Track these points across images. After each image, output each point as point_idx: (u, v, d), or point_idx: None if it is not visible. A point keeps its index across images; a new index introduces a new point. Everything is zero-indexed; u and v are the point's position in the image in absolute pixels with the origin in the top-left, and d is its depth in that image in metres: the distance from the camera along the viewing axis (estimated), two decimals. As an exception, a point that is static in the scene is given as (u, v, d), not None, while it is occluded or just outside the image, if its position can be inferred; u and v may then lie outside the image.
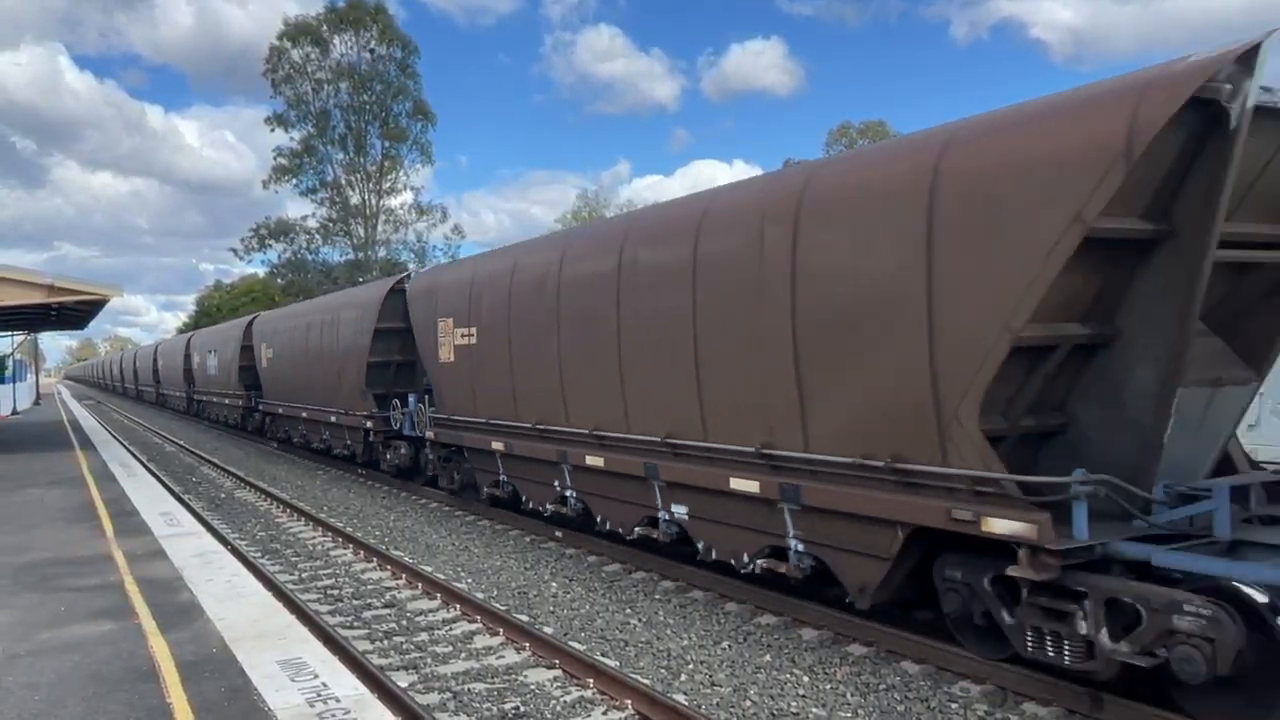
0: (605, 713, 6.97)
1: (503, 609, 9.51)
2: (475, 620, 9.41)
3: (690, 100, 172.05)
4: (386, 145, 60.40)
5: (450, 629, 9.23)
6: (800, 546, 8.44)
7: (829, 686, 7.35)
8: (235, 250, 63.24)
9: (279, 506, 17.38)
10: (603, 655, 8.16)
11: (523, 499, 13.57)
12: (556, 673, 7.82)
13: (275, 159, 59.95)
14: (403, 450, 18.36)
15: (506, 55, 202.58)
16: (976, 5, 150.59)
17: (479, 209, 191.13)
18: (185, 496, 18.01)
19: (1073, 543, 6.15)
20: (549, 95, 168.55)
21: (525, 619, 9.22)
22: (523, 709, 7.00)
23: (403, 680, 7.57)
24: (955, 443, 6.77)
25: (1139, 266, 6.55)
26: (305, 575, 11.76)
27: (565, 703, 7.12)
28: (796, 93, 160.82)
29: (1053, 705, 6.71)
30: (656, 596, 10.18)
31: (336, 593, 10.76)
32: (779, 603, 9.27)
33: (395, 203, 61.64)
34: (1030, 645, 6.60)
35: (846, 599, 8.10)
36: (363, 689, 6.16)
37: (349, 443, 20.89)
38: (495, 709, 7.02)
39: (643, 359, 10.26)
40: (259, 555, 12.88)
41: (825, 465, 7.94)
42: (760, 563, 8.93)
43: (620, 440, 10.75)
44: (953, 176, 6.80)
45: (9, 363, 44.63)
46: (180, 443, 31.80)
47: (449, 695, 7.32)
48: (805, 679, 7.52)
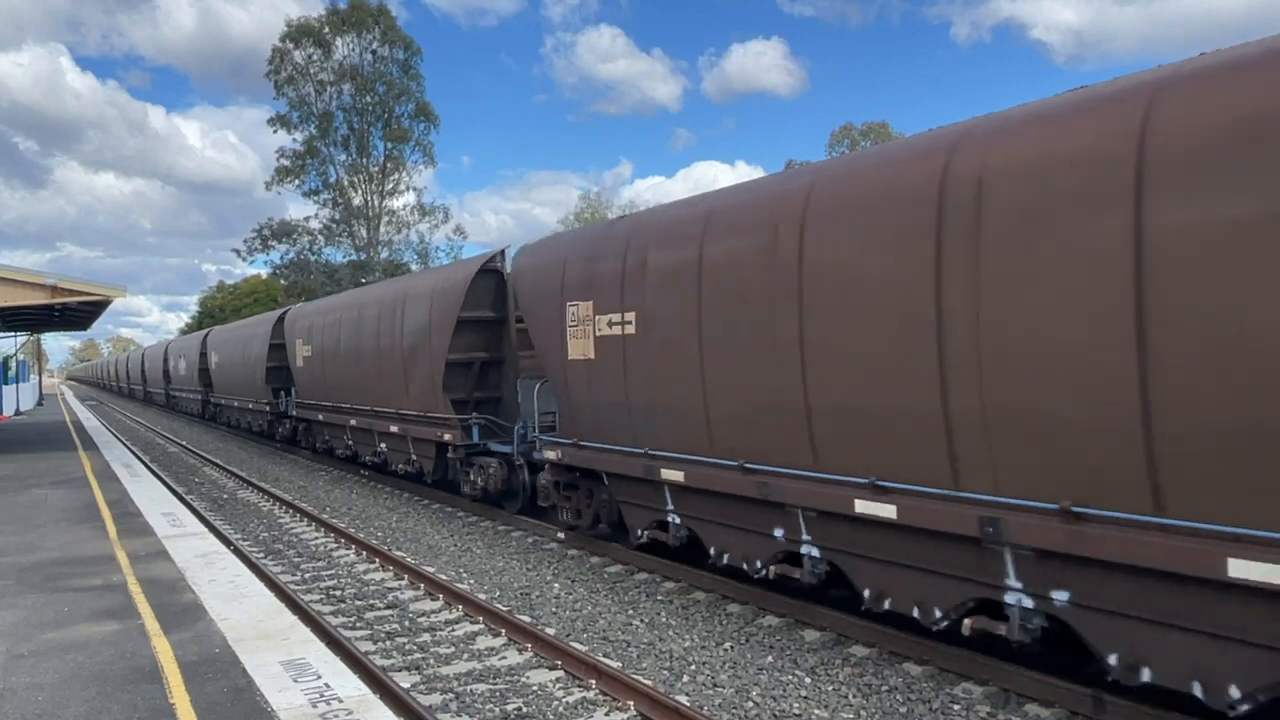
0: (608, 714, 6.97)
1: (505, 610, 9.51)
2: (478, 621, 9.42)
3: (692, 101, 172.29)
4: (389, 146, 60.52)
5: (453, 630, 9.24)
6: None
7: (831, 688, 7.34)
8: (238, 251, 63.45)
9: (281, 507, 17.40)
10: (605, 656, 8.17)
11: (711, 551, 9.71)
12: (559, 674, 7.83)
13: (278, 160, 60.13)
14: (492, 469, 15.01)
15: (508, 56, 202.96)
16: (978, 6, 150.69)
17: (481, 209, 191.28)
18: (188, 497, 18.04)
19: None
20: (551, 95, 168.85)
21: (527, 620, 9.22)
22: (525, 710, 7.01)
23: (405, 681, 7.58)
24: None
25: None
26: (308, 576, 11.77)
27: (567, 704, 7.13)
28: (798, 93, 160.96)
29: (1055, 707, 6.71)
30: (659, 598, 10.18)
31: (339, 593, 10.77)
32: (781, 604, 9.27)
33: (398, 204, 61.80)
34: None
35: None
36: (365, 690, 6.17)
37: (414, 457, 17.40)
38: (497, 710, 7.02)
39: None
40: (262, 556, 12.90)
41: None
42: None
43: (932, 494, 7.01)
44: None
45: (12, 363, 44.71)
46: (183, 443, 31.83)
47: (451, 696, 7.33)
48: (807, 680, 7.52)
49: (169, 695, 5.99)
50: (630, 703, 6.99)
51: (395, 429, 17.85)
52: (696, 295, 9.20)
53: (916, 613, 7.38)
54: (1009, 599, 6.61)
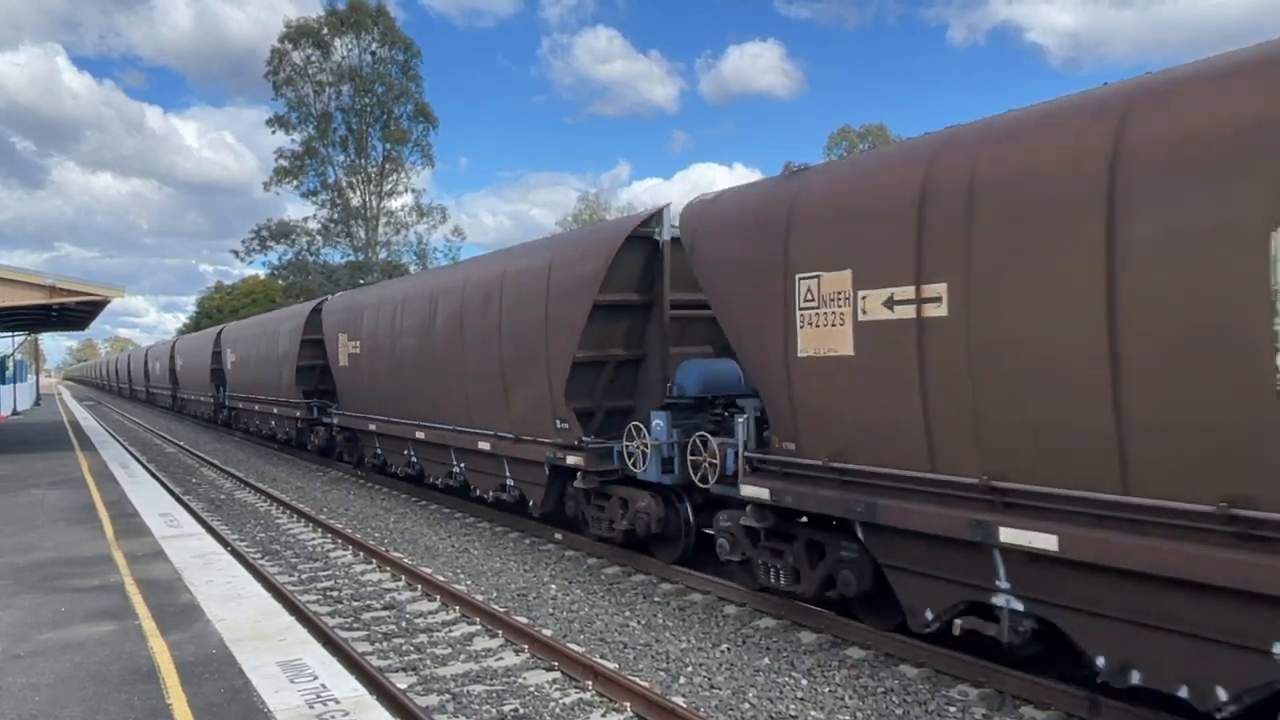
0: (604, 714, 6.98)
1: (502, 611, 9.52)
2: (475, 622, 9.43)
3: (689, 102, 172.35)
4: (388, 147, 60.54)
5: (450, 631, 9.24)
6: None
7: (827, 689, 7.36)
8: (236, 252, 63.43)
9: (279, 508, 17.40)
10: (602, 657, 8.18)
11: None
12: (556, 674, 7.84)
13: (277, 161, 60.14)
14: (641, 505, 10.95)
15: (505, 57, 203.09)
16: (974, 9, 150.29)
17: (478, 210, 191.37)
18: (185, 498, 18.03)
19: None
20: (548, 97, 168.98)
21: (525, 621, 9.23)
22: (522, 711, 7.02)
23: (402, 682, 7.59)
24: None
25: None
26: (305, 577, 11.77)
27: (564, 705, 7.14)
28: (795, 95, 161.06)
29: (1051, 709, 6.73)
30: (656, 599, 10.19)
31: (336, 594, 10.78)
32: (777, 606, 9.28)
33: (396, 204, 61.82)
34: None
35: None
36: (362, 690, 6.18)
37: (511, 482, 13.62)
38: (494, 711, 7.03)
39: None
40: (259, 556, 12.90)
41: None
42: None
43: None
44: None
45: (10, 363, 44.67)
46: (180, 443, 31.82)
47: (448, 697, 7.34)
48: (804, 682, 7.53)
49: (166, 696, 6.00)
50: (627, 704, 7.00)
51: (485, 446, 13.89)
52: (1103, 245, 5.77)
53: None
54: None
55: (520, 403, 12.93)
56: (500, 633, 8.94)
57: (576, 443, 11.58)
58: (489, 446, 13.80)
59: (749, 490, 8.74)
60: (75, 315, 27.76)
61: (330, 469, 23.19)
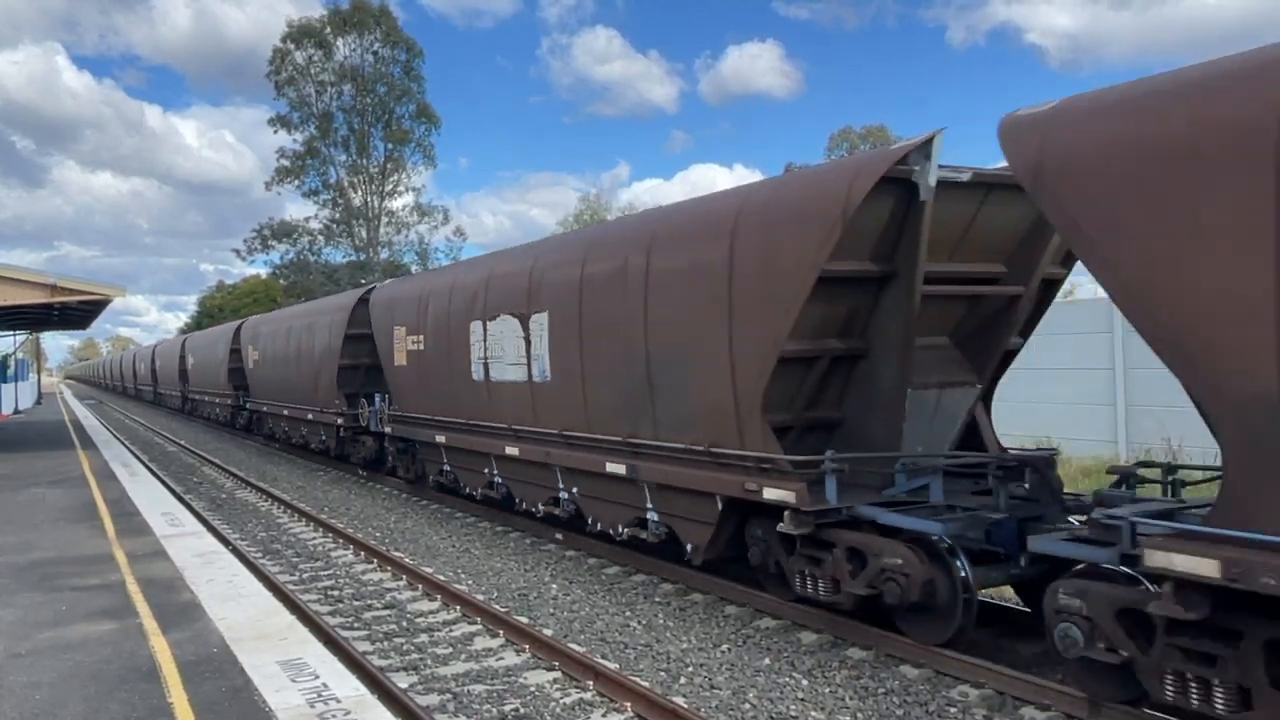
0: (605, 715, 6.98)
1: (503, 610, 9.52)
2: (475, 622, 9.43)
3: (688, 103, 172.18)
4: (389, 147, 60.57)
5: (450, 630, 9.25)
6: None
7: (828, 690, 7.36)
8: (238, 251, 63.66)
9: (280, 507, 17.41)
10: (602, 657, 8.18)
11: None
12: (556, 674, 7.84)
13: (278, 160, 60.22)
14: (895, 566, 7.65)
15: (504, 58, 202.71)
16: (973, 10, 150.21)
17: (478, 210, 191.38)
18: (186, 497, 18.04)
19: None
20: (547, 97, 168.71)
21: (525, 621, 9.23)
22: (522, 710, 7.02)
23: (403, 681, 7.59)
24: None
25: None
26: (306, 576, 11.78)
27: (565, 705, 7.14)
28: (795, 96, 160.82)
29: (1051, 710, 6.72)
30: (656, 599, 10.19)
31: (337, 593, 10.78)
32: (778, 606, 9.28)
33: (397, 204, 61.87)
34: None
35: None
36: (363, 690, 6.19)
37: (656, 518, 10.38)
38: (495, 710, 7.03)
39: None
40: (260, 556, 12.91)
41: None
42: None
43: None
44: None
45: (11, 362, 44.72)
46: (181, 443, 31.83)
47: (449, 696, 7.34)
48: (804, 682, 7.53)
49: (167, 694, 6.00)
50: (628, 704, 7.00)
51: (617, 469, 10.57)
52: None
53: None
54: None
55: (676, 412, 9.72)
56: (501, 632, 8.94)
57: (781, 470, 8.36)
58: (623, 469, 10.38)
59: (1180, 563, 5.38)
60: (76, 314, 27.80)
61: (331, 469, 23.17)
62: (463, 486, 15.46)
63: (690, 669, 7.90)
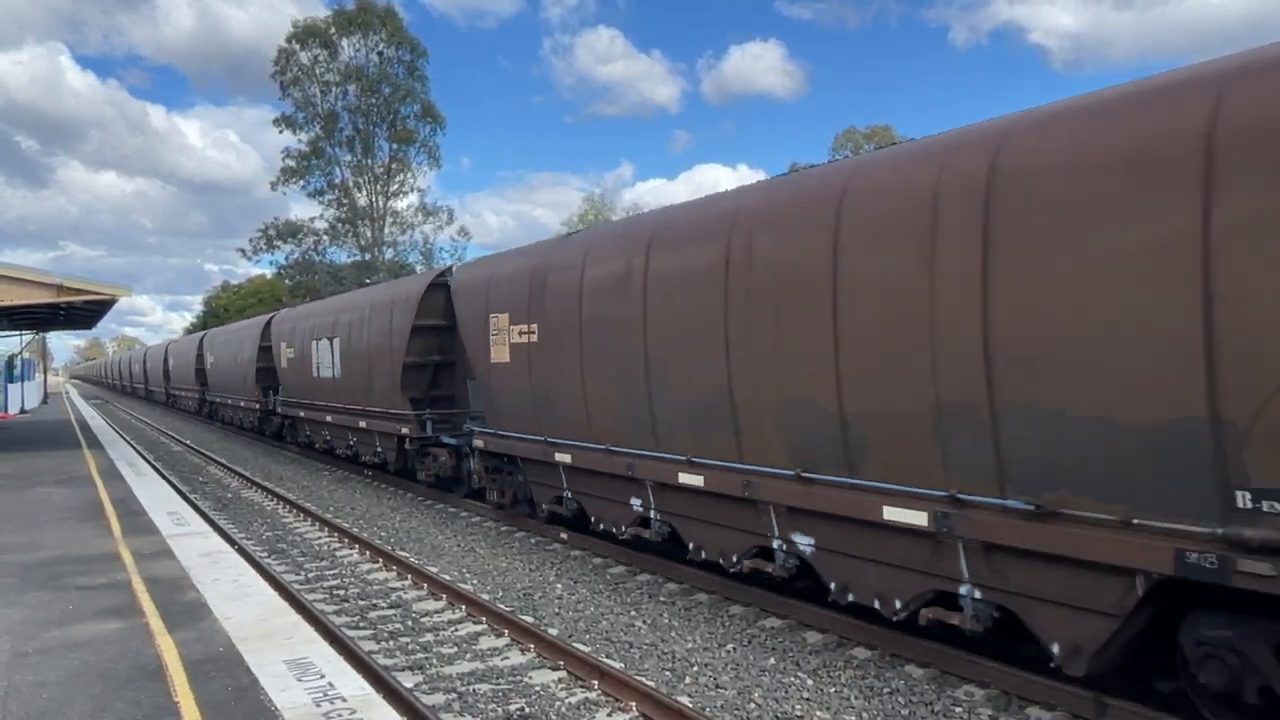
0: (610, 714, 6.98)
1: (508, 610, 9.53)
2: (481, 621, 9.43)
3: (691, 102, 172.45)
4: (394, 147, 60.58)
5: (456, 630, 9.25)
6: None
7: (833, 690, 7.35)
8: (243, 250, 63.57)
9: (285, 507, 17.43)
10: (607, 657, 8.18)
11: None
12: (561, 674, 7.84)
13: (283, 160, 60.24)
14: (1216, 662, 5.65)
15: (506, 58, 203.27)
16: (976, 10, 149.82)
17: (481, 210, 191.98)
18: (192, 496, 18.08)
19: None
20: (550, 97, 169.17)
21: (530, 620, 9.24)
22: (528, 710, 7.02)
23: (408, 680, 7.60)
24: None
25: None
26: (311, 575, 11.79)
27: (570, 704, 7.14)
28: (797, 95, 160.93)
29: (1057, 710, 6.71)
30: (661, 599, 10.18)
31: (343, 593, 10.79)
32: (782, 606, 9.27)
33: (402, 204, 61.88)
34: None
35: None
36: (369, 689, 6.19)
37: (982, 594, 6.87)
38: (500, 710, 7.03)
39: None
40: (265, 555, 12.93)
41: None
42: None
43: None
44: None
45: (17, 362, 44.84)
46: (187, 442, 31.89)
47: (454, 696, 7.35)
48: (809, 682, 7.52)
49: (173, 694, 6.01)
50: (632, 704, 7.00)
51: (917, 519, 7.13)
52: None
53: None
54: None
55: (1027, 435, 6.25)
56: (506, 632, 8.94)
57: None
58: (925, 521, 7.00)
59: None
60: (82, 314, 27.84)
61: (338, 469, 23.19)
62: (596, 521, 11.99)
63: (695, 668, 7.90)
